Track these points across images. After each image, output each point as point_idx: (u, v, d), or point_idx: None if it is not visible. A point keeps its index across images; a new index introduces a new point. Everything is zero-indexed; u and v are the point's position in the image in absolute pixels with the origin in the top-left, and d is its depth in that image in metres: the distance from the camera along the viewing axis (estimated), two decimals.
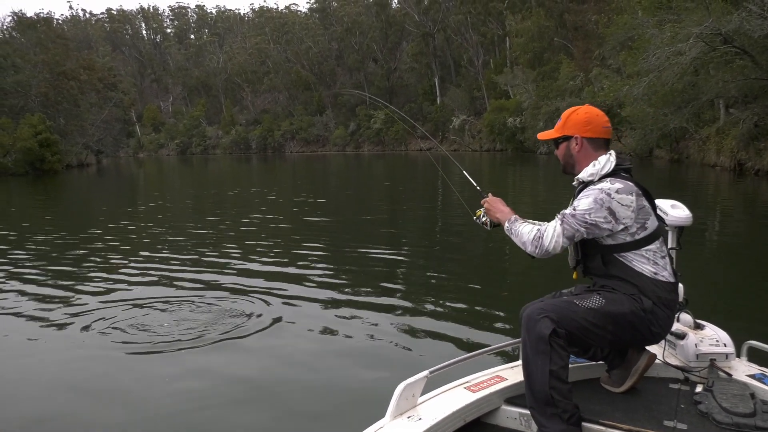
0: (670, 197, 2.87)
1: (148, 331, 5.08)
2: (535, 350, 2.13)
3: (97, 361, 4.52)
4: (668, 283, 2.27)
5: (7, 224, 13.23)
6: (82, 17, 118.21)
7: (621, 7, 30.75)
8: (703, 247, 8.62)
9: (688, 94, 23.76)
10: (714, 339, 2.56)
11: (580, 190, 2.38)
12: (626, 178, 2.31)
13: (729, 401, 2.15)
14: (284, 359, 4.49)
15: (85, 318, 5.54)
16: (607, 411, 2.22)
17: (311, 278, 6.94)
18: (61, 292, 6.62)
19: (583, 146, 2.40)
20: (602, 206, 2.22)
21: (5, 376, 4.40)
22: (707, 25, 18.43)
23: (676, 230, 2.74)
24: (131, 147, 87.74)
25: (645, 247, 2.26)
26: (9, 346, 5.06)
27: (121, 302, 6.03)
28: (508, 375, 2.46)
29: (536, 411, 2.15)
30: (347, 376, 4.14)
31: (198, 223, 12.88)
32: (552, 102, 41.97)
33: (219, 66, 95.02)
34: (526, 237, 2.31)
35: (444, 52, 70.09)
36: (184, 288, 6.61)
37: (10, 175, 36.86)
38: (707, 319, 2.74)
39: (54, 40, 52.18)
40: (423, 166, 37.37)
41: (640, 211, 2.25)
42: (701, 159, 25.45)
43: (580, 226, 2.24)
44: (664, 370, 2.54)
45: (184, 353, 4.55)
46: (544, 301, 2.30)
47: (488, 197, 2.59)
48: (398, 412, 2.09)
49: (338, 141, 74.82)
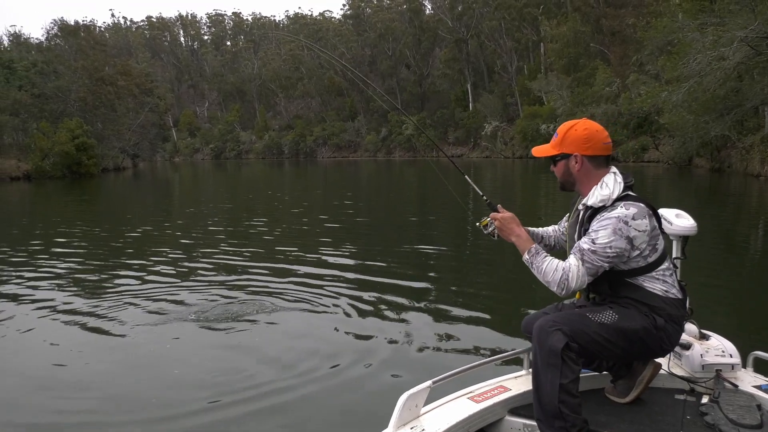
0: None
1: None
2: (546, 363, 2.09)
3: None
4: (678, 299, 2.24)
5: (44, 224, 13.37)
6: (123, 25, 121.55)
7: (660, 11, 29.80)
8: (744, 261, 8.25)
9: (731, 100, 22.80)
10: (720, 349, 2.54)
11: (590, 216, 2.26)
12: (636, 198, 2.22)
13: (735, 412, 2.12)
14: (281, 364, 4.46)
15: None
16: (612, 422, 2.20)
17: (310, 283, 6.96)
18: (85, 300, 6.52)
19: (583, 165, 2.30)
20: (622, 236, 2.13)
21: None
22: (753, 29, 17.60)
23: (681, 240, 2.69)
24: (167, 151, 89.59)
25: (656, 269, 2.22)
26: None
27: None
28: (512, 385, 2.44)
29: (543, 423, 2.11)
30: (349, 385, 4.04)
31: (230, 226, 12.82)
32: (587, 108, 41.07)
33: (254, 72, 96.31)
34: (551, 277, 2.20)
35: (477, 58, 69.45)
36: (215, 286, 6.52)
37: (48, 178, 37.82)
38: (715, 330, 2.72)
39: (93, 47, 53.54)
40: (455, 172, 36.85)
41: (652, 232, 2.19)
42: (744, 168, 24.34)
43: (603, 262, 2.15)
44: (670, 381, 2.50)
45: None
46: (553, 314, 2.26)
47: (499, 212, 2.44)
48: (401, 423, 2.07)
49: (370, 147, 74.82)
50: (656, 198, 17.56)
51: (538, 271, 2.25)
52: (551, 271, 2.19)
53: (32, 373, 4.44)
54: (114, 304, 6.20)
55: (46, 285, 7.30)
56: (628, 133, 38.58)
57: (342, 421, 3.55)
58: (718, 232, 10.82)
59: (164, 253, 9.45)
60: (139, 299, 6.39)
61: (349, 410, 3.66)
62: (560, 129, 2.38)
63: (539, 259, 2.25)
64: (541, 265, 2.23)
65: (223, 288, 6.86)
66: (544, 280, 2.23)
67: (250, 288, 6.82)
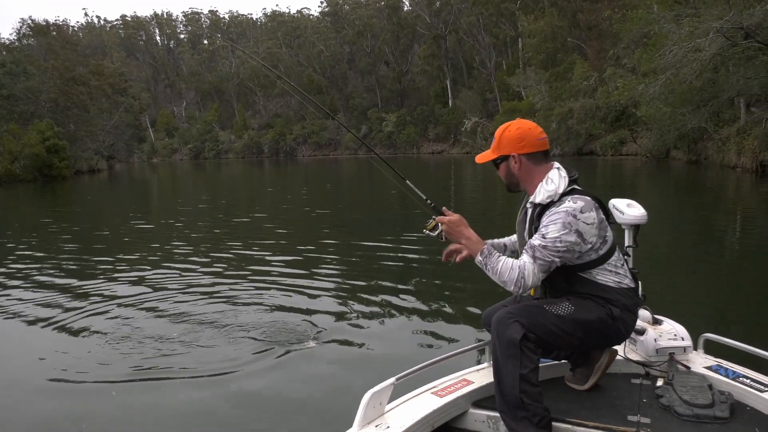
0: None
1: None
2: (506, 354, 2.12)
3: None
4: (631, 288, 2.30)
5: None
6: (96, 24, 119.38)
7: (635, 3, 29.78)
8: (724, 253, 8.18)
9: (707, 92, 22.79)
10: (672, 333, 2.63)
11: (539, 213, 2.26)
12: (582, 191, 2.25)
13: (689, 393, 2.22)
14: (237, 363, 4.34)
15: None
16: (572, 409, 2.26)
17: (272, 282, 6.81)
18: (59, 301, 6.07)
19: (522, 164, 2.34)
20: (571, 230, 2.15)
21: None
22: (728, 19, 17.51)
23: (633, 228, 2.77)
24: (145, 152, 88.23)
25: (608, 260, 2.26)
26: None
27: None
28: (475, 378, 2.47)
29: (506, 415, 2.15)
30: (311, 384, 3.95)
31: (200, 229, 12.33)
32: (565, 103, 41.11)
33: (231, 71, 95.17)
34: (507, 277, 2.19)
35: (456, 54, 69.41)
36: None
37: (18, 181, 36.79)
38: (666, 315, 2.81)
39: (64, 46, 52.31)
40: (435, 168, 36.83)
41: (600, 224, 2.22)
42: (720, 160, 24.40)
43: (554, 257, 2.17)
44: (626, 366, 2.58)
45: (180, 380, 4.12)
46: (511, 306, 2.27)
47: (445, 216, 2.38)
48: (366, 421, 2.07)
49: (350, 145, 74.38)
50: (635, 191, 17.46)
51: (493, 272, 2.23)
52: (507, 271, 2.18)
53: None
54: (80, 314, 5.80)
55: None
56: (606, 126, 38.67)
57: (305, 421, 3.46)
58: (688, 222, 10.82)
59: (133, 260, 8.95)
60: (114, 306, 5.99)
61: (312, 410, 3.58)
62: (496, 133, 2.43)
63: (493, 260, 2.23)
64: (496, 266, 2.22)
65: (184, 289, 6.53)
66: (499, 281, 2.21)
67: (219, 288, 6.62)
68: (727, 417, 2.12)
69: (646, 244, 8.36)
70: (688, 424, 2.11)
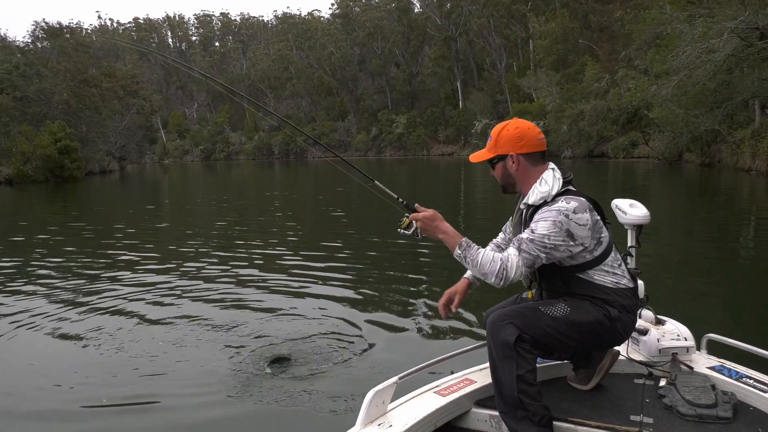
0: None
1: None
2: (501, 356, 2.11)
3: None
4: (629, 288, 2.26)
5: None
6: (110, 27, 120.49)
7: (647, 4, 29.46)
8: (733, 256, 8.00)
9: (721, 94, 22.46)
10: (675, 333, 2.62)
11: (531, 214, 2.22)
12: (576, 192, 2.22)
13: (692, 393, 2.21)
14: (244, 365, 4.31)
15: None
16: (575, 409, 2.25)
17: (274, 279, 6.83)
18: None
19: (520, 164, 2.29)
20: (561, 229, 2.12)
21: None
22: (743, 19, 17.24)
23: (635, 229, 2.77)
24: (156, 153, 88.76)
25: (604, 261, 2.22)
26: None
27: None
28: (477, 378, 2.46)
29: (506, 415, 2.14)
30: (314, 384, 3.89)
31: (212, 230, 12.29)
32: (576, 105, 40.78)
33: (242, 72, 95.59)
34: (488, 269, 2.14)
35: (466, 55, 69.21)
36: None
37: (30, 182, 37.06)
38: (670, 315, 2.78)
39: (76, 48, 52.74)
40: (445, 170, 36.68)
41: (594, 226, 2.18)
42: (734, 163, 24.05)
43: (540, 252, 2.13)
44: (629, 366, 2.58)
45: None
46: (508, 307, 2.27)
47: (419, 212, 2.31)
48: (368, 420, 2.07)
49: (360, 146, 74.38)
50: (647, 194, 17.21)
51: (473, 264, 2.18)
52: (488, 262, 2.14)
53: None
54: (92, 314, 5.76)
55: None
56: (617, 128, 38.29)
57: (309, 420, 3.43)
58: (699, 224, 10.64)
59: (141, 261, 8.89)
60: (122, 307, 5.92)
61: (315, 409, 3.54)
62: (493, 132, 2.36)
63: (472, 251, 2.18)
64: (476, 257, 2.17)
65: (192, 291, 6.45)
66: (480, 273, 2.17)
67: (229, 290, 6.58)
68: (730, 417, 2.11)
69: (656, 245, 8.30)
70: (691, 425, 2.10)
